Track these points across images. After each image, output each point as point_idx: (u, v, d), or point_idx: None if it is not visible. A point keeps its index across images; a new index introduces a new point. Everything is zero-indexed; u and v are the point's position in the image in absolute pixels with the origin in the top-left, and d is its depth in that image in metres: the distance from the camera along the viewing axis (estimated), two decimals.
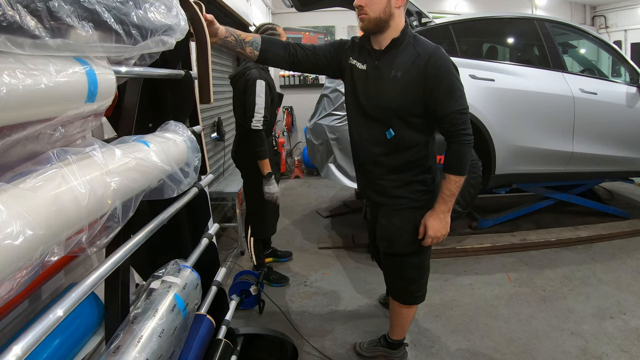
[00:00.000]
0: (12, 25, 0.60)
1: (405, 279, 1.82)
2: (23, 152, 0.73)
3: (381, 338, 2.09)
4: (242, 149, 2.62)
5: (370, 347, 2.10)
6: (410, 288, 1.83)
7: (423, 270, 1.82)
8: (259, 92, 2.39)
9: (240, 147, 2.67)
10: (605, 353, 2.06)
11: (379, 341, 2.09)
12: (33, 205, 0.63)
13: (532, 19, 3.41)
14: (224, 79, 4.42)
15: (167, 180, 1.08)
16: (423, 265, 1.81)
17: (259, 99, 2.39)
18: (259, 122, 2.40)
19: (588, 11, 7.24)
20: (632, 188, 4.73)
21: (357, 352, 2.13)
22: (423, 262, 1.80)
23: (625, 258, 3.11)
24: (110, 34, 0.83)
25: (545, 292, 2.67)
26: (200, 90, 1.33)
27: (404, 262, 1.78)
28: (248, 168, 2.64)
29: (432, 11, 3.61)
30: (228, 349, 1.44)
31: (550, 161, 3.25)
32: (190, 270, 1.27)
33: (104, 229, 0.82)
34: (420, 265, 1.79)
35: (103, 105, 0.85)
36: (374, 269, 3.08)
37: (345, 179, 3.25)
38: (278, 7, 6.00)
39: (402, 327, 1.96)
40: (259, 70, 2.48)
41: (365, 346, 2.11)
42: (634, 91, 3.36)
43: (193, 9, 1.25)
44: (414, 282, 1.81)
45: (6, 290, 0.59)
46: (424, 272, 1.83)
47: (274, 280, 2.87)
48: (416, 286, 1.82)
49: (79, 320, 1.03)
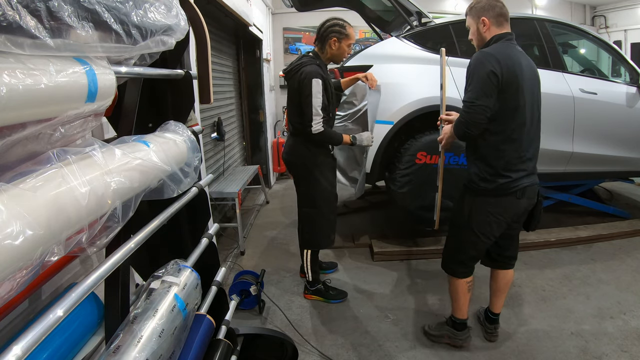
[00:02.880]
0: (12, 25, 0.60)
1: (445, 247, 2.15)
2: (23, 152, 0.73)
3: (448, 319, 2.22)
4: (297, 153, 2.41)
5: (438, 327, 2.24)
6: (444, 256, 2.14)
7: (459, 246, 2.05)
8: (316, 93, 2.19)
9: (294, 149, 2.43)
10: (605, 353, 2.06)
11: (446, 322, 2.22)
12: (33, 205, 0.63)
13: (532, 19, 3.41)
14: (224, 79, 4.43)
15: (167, 180, 1.08)
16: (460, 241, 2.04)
17: (317, 100, 2.20)
18: (319, 125, 2.23)
19: (588, 11, 7.24)
20: (632, 188, 4.73)
21: (425, 331, 2.27)
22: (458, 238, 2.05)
23: (625, 258, 3.11)
24: (110, 34, 0.83)
25: (545, 292, 2.67)
26: (200, 90, 1.33)
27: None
28: (302, 174, 2.44)
29: (432, 11, 3.61)
30: (228, 349, 1.44)
31: (550, 161, 3.24)
32: (190, 270, 1.27)
33: (104, 229, 0.82)
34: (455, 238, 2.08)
35: (103, 105, 0.85)
36: (374, 268, 3.08)
37: (345, 179, 3.24)
38: (278, 7, 6.00)
39: (455, 302, 2.14)
40: (315, 66, 2.26)
41: (434, 326, 2.26)
42: (634, 91, 3.35)
43: (193, 9, 1.25)
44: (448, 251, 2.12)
45: (6, 290, 0.59)
46: (460, 249, 2.04)
47: (332, 296, 2.62)
48: (449, 257, 2.09)
49: (79, 320, 1.03)
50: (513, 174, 1.82)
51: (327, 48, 2.33)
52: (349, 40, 2.34)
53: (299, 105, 2.28)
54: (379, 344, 2.21)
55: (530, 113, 1.83)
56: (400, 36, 3.13)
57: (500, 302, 2.19)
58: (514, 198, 1.84)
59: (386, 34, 3.70)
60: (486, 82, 1.74)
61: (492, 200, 1.87)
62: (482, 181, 1.87)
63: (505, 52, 1.79)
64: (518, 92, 1.77)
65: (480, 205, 1.90)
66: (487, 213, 1.89)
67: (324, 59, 2.37)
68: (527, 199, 1.88)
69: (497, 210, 1.88)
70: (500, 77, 1.73)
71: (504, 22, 1.87)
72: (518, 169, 1.82)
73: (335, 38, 2.30)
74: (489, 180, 1.85)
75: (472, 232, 1.94)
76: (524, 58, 1.85)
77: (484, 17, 1.86)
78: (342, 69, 3.20)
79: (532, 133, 1.86)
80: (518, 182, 1.83)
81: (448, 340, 2.16)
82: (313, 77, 2.20)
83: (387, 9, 3.43)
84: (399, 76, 2.95)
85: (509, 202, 1.86)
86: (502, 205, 1.87)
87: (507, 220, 1.91)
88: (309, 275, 2.62)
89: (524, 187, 1.84)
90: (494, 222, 1.90)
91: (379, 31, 3.82)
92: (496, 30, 1.86)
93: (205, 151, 3.64)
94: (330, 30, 2.31)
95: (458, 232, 2.03)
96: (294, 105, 2.33)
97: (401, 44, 3.07)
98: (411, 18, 3.14)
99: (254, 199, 5.00)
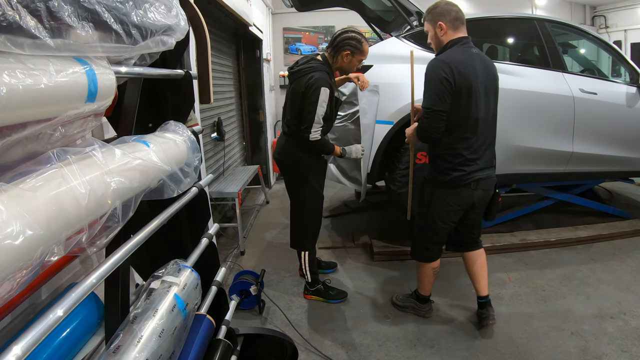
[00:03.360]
0: (12, 25, 0.60)
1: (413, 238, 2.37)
2: (23, 152, 0.73)
3: (413, 292, 2.48)
4: (290, 154, 2.43)
5: (404, 298, 2.51)
6: (412, 245, 2.36)
7: (423, 234, 2.25)
8: (322, 102, 2.18)
9: (287, 150, 2.44)
10: (605, 353, 2.06)
11: (412, 295, 2.49)
12: (33, 205, 0.63)
13: (532, 19, 3.41)
14: (224, 79, 4.43)
15: (167, 180, 1.08)
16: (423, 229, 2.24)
17: (321, 109, 2.19)
18: (317, 133, 2.23)
19: (588, 11, 7.23)
20: (632, 188, 4.73)
21: (392, 302, 2.55)
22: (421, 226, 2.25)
23: (625, 258, 3.11)
24: (110, 34, 0.83)
25: (545, 292, 2.67)
26: (200, 90, 1.33)
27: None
28: (293, 175, 2.47)
29: None
30: (228, 349, 1.44)
31: (550, 161, 3.24)
32: (190, 270, 1.27)
33: (104, 229, 0.82)
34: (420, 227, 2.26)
35: (103, 105, 0.85)
36: (374, 268, 3.08)
37: (345, 179, 3.24)
38: (278, 7, 6.00)
39: (420, 282, 2.38)
40: (325, 74, 2.25)
41: (401, 297, 2.53)
42: (634, 91, 3.35)
43: (193, 9, 1.25)
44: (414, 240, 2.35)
45: (6, 290, 0.59)
46: (424, 236, 2.24)
47: (332, 296, 2.63)
48: (416, 244, 2.32)
49: (79, 320, 1.03)
50: (467, 168, 2.02)
51: (339, 58, 2.33)
52: (362, 56, 2.34)
53: (300, 108, 2.26)
54: (379, 344, 2.21)
55: (485, 112, 2.02)
56: (400, 36, 3.13)
57: (484, 284, 2.31)
58: (468, 189, 2.06)
59: (386, 34, 3.70)
60: (440, 89, 1.91)
61: (449, 191, 2.08)
62: (440, 175, 2.08)
63: (459, 57, 1.95)
64: (470, 95, 1.94)
65: (439, 196, 2.11)
66: (445, 202, 2.11)
67: (333, 66, 2.36)
68: (482, 190, 2.09)
69: (453, 200, 2.09)
70: (453, 83, 1.90)
71: (460, 26, 2.01)
72: (472, 164, 2.02)
73: (349, 52, 2.30)
74: (446, 174, 2.06)
75: (433, 220, 2.16)
76: (479, 60, 1.99)
77: (441, 22, 2.00)
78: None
79: (486, 130, 2.05)
80: (472, 175, 2.03)
81: (413, 311, 2.45)
82: (322, 85, 2.18)
83: (387, 9, 3.43)
84: (399, 76, 2.94)
85: (464, 193, 2.07)
86: (458, 195, 2.08)
87: (463, 208, 2.12)
88: (308, 276, 2.62)
89: (477, 179, 2.04)
90: (452, 211, 2.12)
91: (379, 31, 3.82)
92: (453, 34, 2.01)
93: (205, 151, 3.64)
94: (347, 43, 2.28)
95: (420, 220, 2.25)
96: (294, 106, 2.31)
97: (401, 44, 3.07)
98: (411, 18, 3.14)
99: (254, 199, 5.00)
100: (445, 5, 2.01)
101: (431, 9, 2.04)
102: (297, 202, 2.53)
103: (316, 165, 2.45)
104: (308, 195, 2.46)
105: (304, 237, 2.57)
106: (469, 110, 1.96)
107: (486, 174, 2.07)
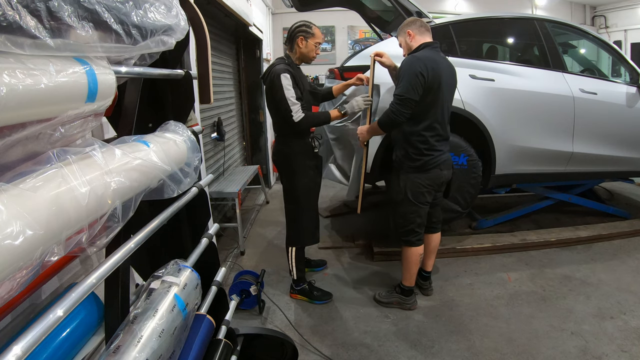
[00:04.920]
0: (12, 25, 0.60)
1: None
2: (23, 152, 0.73)
3: (397, 286, 2.58)
4: (281, 152, 2.52)
5: (388, 294, 2.60)
6: (398, 233, 2.52)
7: (406, 218, 2.43)
8: (286, 86, 2.28)
9: (277, 149, 2.55)
10: (605, 353, 2.06)
11: (395, 289, 2.59)
12: (33, 205, 0.63)
13: (532, 19, 3.41)
14: (224, 79, 4.43)
15: (167, 180, 1.08)
16: (404, 214, 2.43)
17: (289, 92, 2.28)
18: (299, 112, 2.29)
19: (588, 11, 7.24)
20: (632, 188, 4.73)
21: (376, 299, 2.61)
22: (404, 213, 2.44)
23: (625, 258, 3.11)
24: (110, 34, 0.83)
25: (545, 292, 2.67)
26: (200, 90, 1.33)
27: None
28: (285, 170, 2.54)
29: (432, 11, 3.60)
30: (228, 349, 1.44)
31: (550, 161, 3.24)
32: (190, 270, 1.27)
33: (104, 229, 0.82)
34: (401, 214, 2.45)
35: (103, 105, 0.85)
36: (374, 268, 3.09)
37: (345, 179, 3.24)
38: (278, 7, 6.01)
39: (407, 271, 2.50)
40: (283, 65, 2.37)
41: (384, 294, 2.61)
42: (634, 91, 3.35)
43: (193, 9, 1.25)
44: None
45: (6, 290, 0.59)
46: (407, 220, 2.43)
47: (317, 297, 2.64)
48: (402, 231, 2.47)
49: (79, 320, 1.03)
50: (435, 153, 2.31)
51: (296, 47, 2.45)
52: (315, 38, 2.45)
53: (274, 103, 2.36)
54: (379, 344, 2.21)
55: (447, 105, 2.34)
56: None
57: (431, 262, 2.67)
58: (438, 170, 2.34)
59: (386, 34, 3.70)
60: (415, 81, 2.16)
61: (422, 174, 2.34)
62: (412, 161, 2.33)
63: (431, 57, 2.23)
64: (439, 90, 2.23)
65: (413, 180, 2.36)
66: (419, 185, 2.35)
67: (294, 59, 2.48)
68: (447, 170, 2.39)
69: (426, 182, 2.35)
70: (426, 77, 2.17)
71: (425, 32, 2.32)
72: (438, 149, 2.32)
73: (302, 37, 2.42)
74: (417, 160, 2.32)
75: (412, 203, 2.38)
76: (444, 62, 2.31)
77: (409, 30, 2.33)
78: (342, 69, 3.20)
79: (445, 121, 2.35)
80: (438, 158, 2.32)
81: (398, 305, 2.54)
82: (280, 72, 2.30)
83: (387, 9, 3.43)
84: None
85: (435, 174, 2.35)
86: (430, 177, 2.34)
87: (435, 188, 2.39)
88: (294, 274, 2.65)
89: (443, 161, 2.35)
90: (426, 192, 2.37)
91: (379, 31, 3.82)
92: (420, 39, 2.31)
93: (205, 151, 3.64)
94: (298, 31, 2.43)
95: (401, 207, 2.43)
96: (272, 106, 2.44)
97: None
98: None
99: (254, 199, 5.00)
100: (411, 19, 2.40)
101: (400, 26, 2.40)
102: (291, 199, 2.56)
103: (308, 161, 2.51)
104: (301, 191, 2.51)
105: (299, 233, 2.60)
106: (437, 102, 2.25)
107: (447, 157, 2.38)
